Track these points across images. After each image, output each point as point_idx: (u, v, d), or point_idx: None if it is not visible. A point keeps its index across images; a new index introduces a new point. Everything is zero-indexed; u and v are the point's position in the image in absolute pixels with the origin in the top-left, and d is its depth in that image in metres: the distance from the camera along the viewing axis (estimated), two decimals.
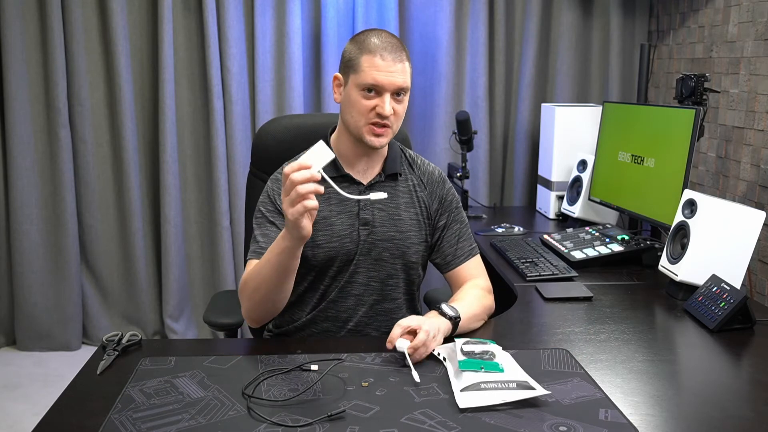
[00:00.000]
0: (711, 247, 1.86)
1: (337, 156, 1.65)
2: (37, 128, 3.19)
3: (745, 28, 2.61)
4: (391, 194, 1.67)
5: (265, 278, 1.48)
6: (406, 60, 1.57)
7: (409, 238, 1.67)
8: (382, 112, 1.54)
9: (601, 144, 2.69)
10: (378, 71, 1.53)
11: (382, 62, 1.53)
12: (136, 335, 1.51)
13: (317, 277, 1.68)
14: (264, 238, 1.60)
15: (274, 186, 1.66)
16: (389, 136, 1.60)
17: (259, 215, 1.65)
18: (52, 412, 1.24)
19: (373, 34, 1.57)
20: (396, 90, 1.55)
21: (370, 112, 1.55)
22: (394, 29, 3.24)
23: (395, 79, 1.53)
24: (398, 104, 1.57)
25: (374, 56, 1.53)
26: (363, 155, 1.65)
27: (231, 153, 3.27)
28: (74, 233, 3.26)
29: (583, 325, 1.71)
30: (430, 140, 3.40)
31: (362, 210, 1.65)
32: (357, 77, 1.55)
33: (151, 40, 3.23)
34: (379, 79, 1.53)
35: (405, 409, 1.23)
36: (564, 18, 3.35)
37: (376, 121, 1.55)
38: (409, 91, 1.60)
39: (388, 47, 1.54)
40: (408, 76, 1.57)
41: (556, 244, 2.34)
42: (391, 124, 1.57)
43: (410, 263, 1.69)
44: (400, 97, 1.57)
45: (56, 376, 3.08)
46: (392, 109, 1.55)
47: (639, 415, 1.24)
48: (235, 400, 1.26)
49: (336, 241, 1.63)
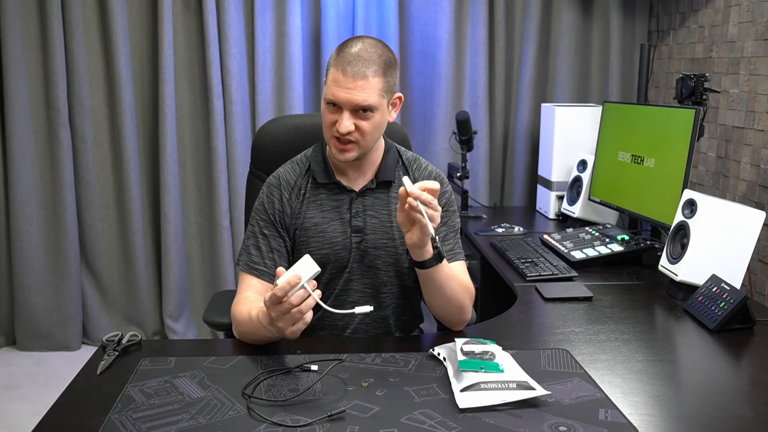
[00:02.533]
0: (711, 247, 1.86)
1: (329, 162, 1.65)
2: (37, 128, 3.19)
3: (745, 28, 2.61)
4: (383, 201, 1.66)
5: (256, 337, 1.49)
6: (374, 76, 1.49)
7: (400, 245, 1.65)
8: (339, 128, 1.50)
9: (601, 144, 2.69)
10: (338, 87, 1.48)
11: (343, 78, 1.48)
12: (136, 335, 1.51)
13: None
14: (257, 252, 1.61)
15: (268, 192, 1.66)
16: (356, 151, 1.55)
17: (253, 223, 1.65)
18: (52, 412, 1.24)
19: (352, 44, 1.52)
20: (354, 108, 1.50)
21: (333, 127, 1.53)
22: (394, 29, 3.24)
23: (353, 96, 1.48)
24: (363, 120, 1.51)
25: (338, 71, 1.49)
26: (351, 164, 1.62)
27: (231, 153, 3.27)
28: (74, 233, 3.26)
29: (583, 325, 1.71)
30: (430, 140, 3.40)
31: (354, 217, 1.64)
32: (325, 89, 1.53)
33: (151, 40, 3.23)
34: (337, 95, 1.49)
35: (405, 409, 1.23)
36: (564, 18, 3.35)
37: (338, 137, 1.53)
38: (380, 108, 1.52)
39: (354, 62, 1.48)
40: (373, 93, 1.49)
41: (556, 244, 2.34)
42: (356, 140, 1.53)
43: (403, 270, 1.68)
44: (365, 113, 1.51)
45: (56, 376, 3.08)
46: (354, 126, 1.50)
47: (639, 415, 1.24)
48: (235, 400, 1.26)
49: (327, 248, 1.63)
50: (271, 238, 1.62)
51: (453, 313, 1.59)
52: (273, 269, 1.61)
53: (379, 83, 1.51)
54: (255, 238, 1.63)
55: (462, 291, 1.57)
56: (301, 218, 1.64)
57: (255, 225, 1.64)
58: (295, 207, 1.64)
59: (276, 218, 1.63)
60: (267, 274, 1.60)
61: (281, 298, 1.30)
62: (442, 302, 1.56)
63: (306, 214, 1.64)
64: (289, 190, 1.65)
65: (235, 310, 1.55)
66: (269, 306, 1.32)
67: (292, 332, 1.34)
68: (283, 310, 1.31)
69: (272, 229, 1.63)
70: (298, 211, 1.64)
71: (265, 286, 1.59)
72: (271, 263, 1.61)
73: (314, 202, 1.65)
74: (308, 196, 1.65)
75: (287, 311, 1.30)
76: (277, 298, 1.30)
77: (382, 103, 1.53)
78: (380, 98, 1.52)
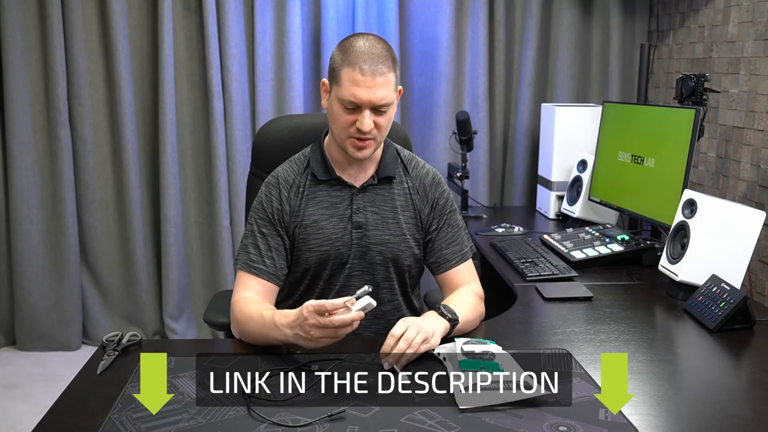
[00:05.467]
0: (711, 247, 1.86)
1: (329, 160, 1.66)
2: (37, 128, 3.18)
3: (745, 28, 2.61)
4: (385, 197, 1.67)
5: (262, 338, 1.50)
6: (388, 71, 1.52)
7: (402, 241, 1.66)
8: (361, 128, 1.52)
9: (601, 144, 2.69)
10: (357, 87, 1.50)
11: (362, 77, 1.49)
12: (136, 335, 1.51)
13: (312, 281, 1.68)
14: (255, 251, 1.62)
15: (267, 191, 1.66)
16: (373, 147, 1.58)
17: (251, 222, 1.66)
18: (52, 412, 1.24)
19: (358, 41, 1.53)
20: (375, 106, 1.52)
21: (351, 127, 1.54)
22: (394, 29, 3.24)
23: (374, 96, 1.50)
24: (380, 117, 1.54)
25: (354, 70, 1.50)
26: (354, 161, 1.64)
27: (231, 153, 3.27)
28: (74, 233, 3.26)
29: (583, 325, 1.71)
30: (430, 140, 3.40)
31: (355, 213, 1.64)
32: (338, 90, 1.53)
33: (151, 40, 3.22)
34: (357, 95, 1.50)
35: (405, 409, 1.23)
36: (564, 18, 3.35)
37: (358, 136, 1.55)
38: (393, 103, 1.56)
39: (369, 59, 1.50)
40: (390, 89, 1.53)
41: (556, 244, 2.34)
42: (374, 137, 1.56)
43: (403, 266, 1.69)
44: (383, 109, 1.54)
45: (56, 376, 3.08)
46: (373, 123, 1.53)
47: (639, 415, 1.24)
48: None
49: (327, 244, 1.64)
50: (269, 237, 1.62)
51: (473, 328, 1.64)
52: (272, 268, 1.61)
53: (393, 78, 1.55)
54: (254, 237, 1.63)
55: (477, 318, 1.64)
56: (300, 216, 1.64)
57: (253, 224, 1.65)
58: (294, 205, 1.64)
59: (275, 217, 1.64)
60: (266, 273, 1.60)
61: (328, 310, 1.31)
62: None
63: (305, 211, 1.64)
64: (287, 188, 1.65)
65: (241, 309, 1.55)
66: (311, 312, 1.32)
67: (313, 345, 1.36)
68: (323, 322, 1.31)
69: (271, 227, 1.63)
70: (297, 208, 1.64)
71: (264, 285, 1.60)
72: (270, 262, 1.61)
73: (313, 200, 1.65)
74: (307, 194, 1.65)
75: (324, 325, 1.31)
76: (324, 309, 1.31)
77: (395, 98, 1.58)
78: (394, 93, 1.57)
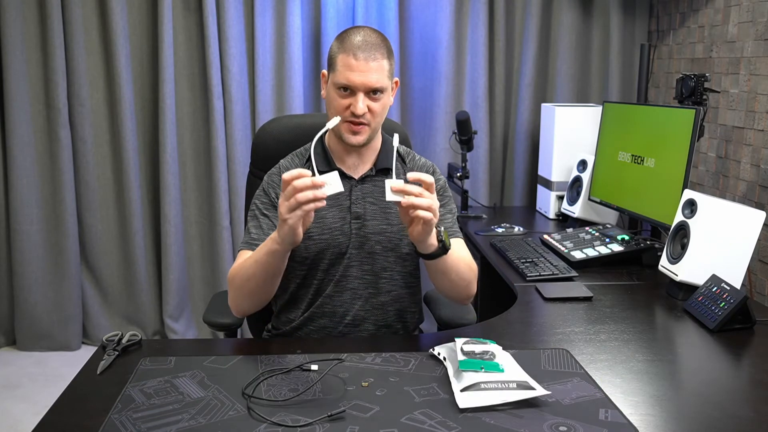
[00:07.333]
0: (711, 247, 1.86)
1: (329, 151, 1.69)
2: (37, 128, 3.19)
3: (745, 28, 2.61)
4: (382, 188, 1.67)
5: (253, 275, 1.52)
6: (382, 58, 1.57)
7: (401, 230, 1.68)
8: (355, 111, 1.56)
9: (601, 144, 2.69)
10: (351, 71, 1.55)
11: (355, 62, 1.54)
12: (136, 335, 1.51)
13: (309, 272, 1.69)
14: (257, 230, 1.64)
15: (269, 180, 1.70)
16: (367, 133, 1.61)
17: (254, 207, 1.69)
18: (52, 412, 1.24)
19: (354, 32, 1.59)
20: (368, 90, 1.56)
21: (346, 111, 1.58)
22: (394, 29, 3.24)
23: (367, 79, 1.55)
24: (375, 102, 1.58)
25: (348, 56, 1.55)
26: (352, 151, 1.67)
27: (231, 153, 3.27)
28: (74, 233, 3.26)
29: (583, 325, 1.71)
30: (430, 140, 3.40)
31: (354, 204, 1.67)
32: (334, 76, 1.58)
33: (151, 40, 3.22)
34: (351, 78, 1.55)
35: (405, 409, 1.23)
36: (564, 18, 3.35)
37: (352, 120, 1.58)
38: (388, 89, 1.60)
39: (363, 46, 1.55)
40: (384, 75, 1.57)
41: (556, 244, 2.34)
42: (368, 122, 1.59)
43: (403, 255, 1.70)
44: (376, 95, 1.58)
45: (56, 376, 3.08)
46: (366, 108, 1.57)
47: (639, 415, 1.24)
48: (235, 400, 1.26)
49: (327, 234, 1.65)
50: (272, 218, 1.65)
51: (460, 291, 1.64)
52: None
53: (387, 65, 1.59)
54: (256, 220, 1.66)
55: (467, 270, 1.63)
56: None
57: (255, 209, 1.68)
58: None
59: (276, 201, 1.65)
60: None
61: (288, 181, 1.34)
62: (450, 285, 1.61)
63: None
64: None
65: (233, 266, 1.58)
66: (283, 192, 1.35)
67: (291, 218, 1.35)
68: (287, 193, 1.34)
69: (273, 210, 1.66)
70: None
71: None
72: None
73: None
74: None
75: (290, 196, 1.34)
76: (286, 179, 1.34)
77: (389, 85, 1.61)
78: (388, 80, 1.60)
